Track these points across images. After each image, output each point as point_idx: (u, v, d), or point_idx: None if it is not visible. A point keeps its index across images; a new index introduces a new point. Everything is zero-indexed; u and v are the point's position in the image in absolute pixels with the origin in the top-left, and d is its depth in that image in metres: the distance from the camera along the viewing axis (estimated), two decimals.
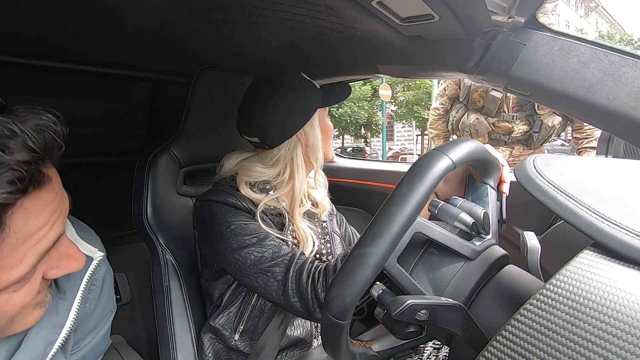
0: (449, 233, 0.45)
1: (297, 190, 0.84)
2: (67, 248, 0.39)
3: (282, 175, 0.84)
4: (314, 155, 0.84)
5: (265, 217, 0.81)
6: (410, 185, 0.40)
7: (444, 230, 0.45)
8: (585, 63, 0.59)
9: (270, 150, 0.83)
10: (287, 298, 0.71)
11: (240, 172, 0.84)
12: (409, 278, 0.44)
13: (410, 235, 0.42)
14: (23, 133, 0.30)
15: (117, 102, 1.22)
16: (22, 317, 0.39)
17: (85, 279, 0.51)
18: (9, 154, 0.29)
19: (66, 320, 0.48)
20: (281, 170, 0.84)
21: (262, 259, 0.73)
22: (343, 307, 0.41)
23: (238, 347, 0.85)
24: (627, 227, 0.34)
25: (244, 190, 0.81)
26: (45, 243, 0.34)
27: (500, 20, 0.64)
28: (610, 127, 0.62)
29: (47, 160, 0.33)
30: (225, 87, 1.02)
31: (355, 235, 1.06)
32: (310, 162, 0.86)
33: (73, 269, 0.40)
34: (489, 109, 1.94)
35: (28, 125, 0.31)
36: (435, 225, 0.45)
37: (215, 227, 0.77)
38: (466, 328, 0.43)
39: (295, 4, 0.73)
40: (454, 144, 0.44)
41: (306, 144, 0.84)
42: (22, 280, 0.34)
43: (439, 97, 2.16)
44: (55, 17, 0.73)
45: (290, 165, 0.84)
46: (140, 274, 1.29)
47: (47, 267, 0.38)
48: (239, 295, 0.85)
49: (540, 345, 0.34)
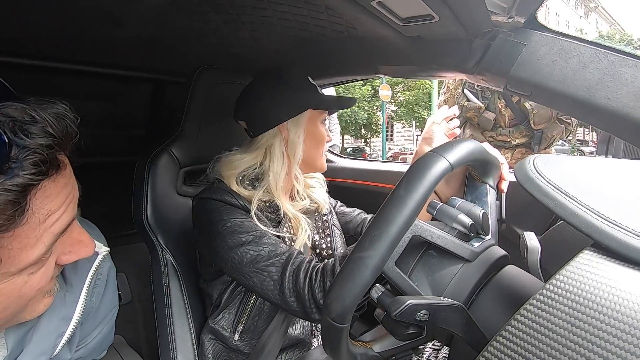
0: (447, 235, 0.45)
1: (272, 181, 0.84)
2: (78, 234, 0.41)
3: (262, 165, 0.85)
4: (291, 150, 0.85)
5: (260, 215, 0.81)
6: (408, 188, 0.40)
7: (442, 232, 0.45)
8: (585, 63, 0.59)
9: (255, 139, 0.86)
10: (284, 298, 0.71)
11: (223, 168, 0.85)
12: (407, 280, 0.44)
13: (408, 238, 0.42)
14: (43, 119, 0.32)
15: (117, 102, 1.22)
16: (34, 303, 0.41)
17: (91, 272, 0.52)
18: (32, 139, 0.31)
19: (74, 313, 0.50)
20: (259, 157, 0.85)
21: (259, 258, 0.73)
22: (342, 311, 0.41)
23: (238, 347, 0.84)
24: (627, 227, 0.34)
25: (235, 187, 0.82)
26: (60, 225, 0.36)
27: (500, 20, 0.64)
28: (610, 127, 0.62)
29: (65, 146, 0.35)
30: (225, 87, 1.02)
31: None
32: (288, 157, 0.86)
33: (84, 255, 0.42)
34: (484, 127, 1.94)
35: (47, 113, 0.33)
36: (433, 227, 0.44)
37: (211, 225, 0.77)
38: (466, 328, 0.43)
39: (295, 4, 0.73)
40: (452, 145, 0.44)
41: (286, 138, 0.85)
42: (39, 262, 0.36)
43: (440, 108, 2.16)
44: (55, 17, 0.73)
45: (269, 154, 0.85)
46: (140, 274, 1.29)
47: (61, 251, 0.40)
48: (237, 295, 0.84)
49: (540, 345, 0.34)
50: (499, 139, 1.93)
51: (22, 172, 0.30)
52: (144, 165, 0.96)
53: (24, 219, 0.32)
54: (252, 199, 0.81)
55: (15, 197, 0.30)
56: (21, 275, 0.35)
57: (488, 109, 1.90)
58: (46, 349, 0.47)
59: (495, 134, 1.93)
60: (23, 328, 0.46)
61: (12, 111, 0.31)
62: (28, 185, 0.31)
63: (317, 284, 0.68)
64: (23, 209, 0.31)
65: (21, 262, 0.34)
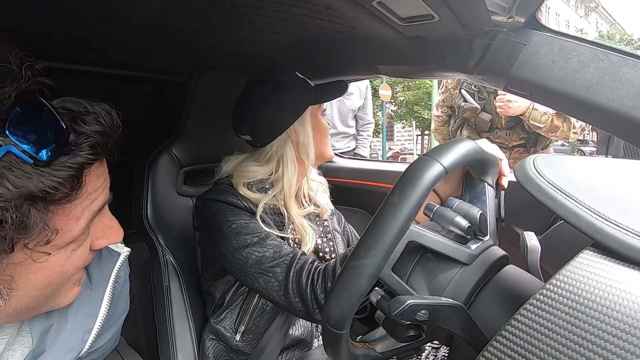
0: (443, 239, 0.45)
1: (285, 187, 0.84)
2: (109, 220, 0.46)
3: (276, 173, 0.85)
4: (304, 152, 0.85)
5: (265, 217, 0.81)
6: (402, 195, 0.40)
7: (438, 236, 0.45)
8: (585, 63, 0.59)
9: (263, 148, 0.84)
10: (288, 298, 0.71)
11: (236, 174, 0.84)
12: (404, 286, 0.45)
13: (404, 244, 0.42)
14: (96, 112, 0.39)
15: (117, 102, 1.21)
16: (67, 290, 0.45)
17: (115, 270, 0.56)
18: (88, 126, 0.37)
19: (99, 310, 0.53)
20: (274, 167, 0.85)
21: (263, 259, 0.73)
22: (340, 319, 0.41)
23: (239, 347, 0.85)
24: (627, 227, 0.34)
25: (243, 191, 0.82)
26: (97, 203, 0.41)
27: (500, 20, 0.64)
28: (610, 127, 0.62)
29: (112, 135, 0.40)
30: (225, 87, 1.02)
31: (354, 234, 1.07)
32: (302, 160, 0.86)
33: (115, 240, 0.46)
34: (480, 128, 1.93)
35: (98, 106, 0.39)
36: (429, 232, 0.44)
37: (216, 227, 0.77)
38: (466, 328, 0.43)
39: (295, 4, 0.73)
40: (446, 148, 0.43)
41: (297, 141, 0.84)
42: (78, 240, 0.41)
43: (439, 107, 2.16)
44: (55, 17, 0.73)
45: (282, 162, 0.84)
46: (140, 274, 1.29)
47: (94, 236, 0.44)
48: (240, 295, 0.85)
49: (540, 345, 0.34)
50: (496, 141, 1.91)
51: (81, 153, 0.36)
52: (144, 165, 0.96)
53: (80, 193, 0.38)
54: (258, 202, 0.81)
55: (75, 172, 0.36)
56: (66, 250, 0.40)
57: (484, 110, 1.89)
58: (75, 345, 0.51)
59: (492, 136, 1.93)
60: (47, 322, 0.48)
61: (71, 105, 0.38)
62: (85, 164, 0.37)
63: (319, 285, 0.68)
64: (80, 184, 0.37)
65: (68, 235, 0.39)
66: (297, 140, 0.84)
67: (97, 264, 0.54)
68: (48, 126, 0.35)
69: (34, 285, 0.39)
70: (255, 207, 0.81)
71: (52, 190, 0.34)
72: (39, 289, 0.40)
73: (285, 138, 0.83)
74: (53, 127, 0.35)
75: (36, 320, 0.47)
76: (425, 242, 0.44)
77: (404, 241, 0.41)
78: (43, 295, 0.41)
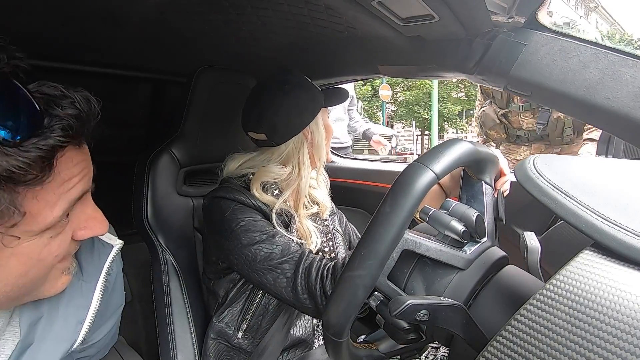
0: (438, 245, 0.45)
1: (302, 188, 0.85)
2: (93, 211, 0.45)
3: (291, 175, 0.85)
4: (318, 154, 0.86)
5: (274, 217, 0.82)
6: (393, 205, 0.40)
7: (432, 243, 0.44)
8: (585, 63, 0.59)
9: (277, 147, 0.84)
10: (297, 295, 0.71)
11: (258, 174, 0.84)
12: (401, 294, 0.45)
13: (398, 253, 0.42)
14: (72, 96, 0.38)
15: (117, 102, 1.21)
16: (53, 279, 0.44)
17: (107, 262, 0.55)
18: (62, 109, 0.37)
19: (91, 301, 0.53)
20: (292, 169, 0.85)
21: (272, 255, 0.74)
22: (339, 328, 0.42)
23: (241, 345, 0.85)
24: (627, 227, 0.34)
25: (257, 192, 0.82)
26: (75, 191, 0.41)
27: (500, 20, 0.64)
28: (610, 127, 0.62)
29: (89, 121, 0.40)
30: (225, 87, 1.02)
31: (355, 234, 1.07)
32: (314, 161, 0.87)
33: (98, 232, 0.46)
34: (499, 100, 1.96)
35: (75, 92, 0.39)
36: (423, 239, 0.44)
37: (225, 224, 0.78)
38: (466, 328, 0.43)
39: (295, 4, 0.73)
40: (437, 153, 0.43)
41: (312, 141, 0.85)
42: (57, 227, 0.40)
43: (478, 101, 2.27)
44: (55, 17, 0.73)
45: (298, 163, 0.85)
46: (140, 274, 1.29)
47: (76, 226, 0.43)
48: (243, 293, 0.85)
49: (540, 345, 0.34)
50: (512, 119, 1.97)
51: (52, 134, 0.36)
52: (144, 165, 0.96)
53: (50, 176, 0.37)
54: (267, 202, 0.82)
55: (45, 154, 0.35)
56: (42, 237, 0.39)
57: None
58: (68, 336, 0.50)
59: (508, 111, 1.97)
60: (37, 314, 0.48)
61: (47, 89, 0.38)
62: (56, 146, 0.36)
63: (329, 281, 0.69)
64: (51, 166, 0.37)
65: (42, 221, 0.38)
66: (312, 140, 0.85)
67: (89, 256, 0.54)
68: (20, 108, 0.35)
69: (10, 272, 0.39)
70: (265, 205, 0.82)
71: (17, 170, 0.33)
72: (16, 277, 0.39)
73: (302, 138, 0.84)
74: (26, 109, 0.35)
75: (25, 311, 0.47)
76: (420, 250, 0.44)
77: (398, 249, 0.41)
78: (22, 283, 0.40)
